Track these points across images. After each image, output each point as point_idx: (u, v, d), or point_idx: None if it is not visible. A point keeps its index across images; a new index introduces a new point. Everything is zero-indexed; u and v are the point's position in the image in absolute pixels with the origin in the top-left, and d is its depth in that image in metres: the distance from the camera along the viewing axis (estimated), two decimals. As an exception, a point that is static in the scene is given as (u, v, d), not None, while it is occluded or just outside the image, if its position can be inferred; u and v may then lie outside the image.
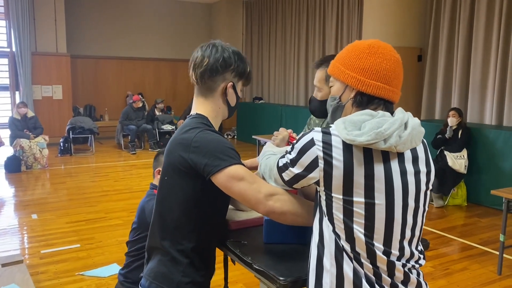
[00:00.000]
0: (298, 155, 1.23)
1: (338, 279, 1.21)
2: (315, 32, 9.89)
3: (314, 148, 1.19)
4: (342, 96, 1.30)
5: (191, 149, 1.42)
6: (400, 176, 1.19)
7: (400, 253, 1.22)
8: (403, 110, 1.25)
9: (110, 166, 8.33)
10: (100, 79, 12.10)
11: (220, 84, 1.53)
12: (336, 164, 1.16)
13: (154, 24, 12.52)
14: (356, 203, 1.17)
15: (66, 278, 3.62)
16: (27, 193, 6.39)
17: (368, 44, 1.28)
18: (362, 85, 1.24)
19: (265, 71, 11.92)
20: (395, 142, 1.15)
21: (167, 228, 1.51)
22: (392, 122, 1.16)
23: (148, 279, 1.54)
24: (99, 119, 11.83)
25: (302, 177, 1.24)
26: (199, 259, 1.52)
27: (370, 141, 1.13)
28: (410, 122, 1.21)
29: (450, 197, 5.82)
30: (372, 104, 1.25)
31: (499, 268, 3.81)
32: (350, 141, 1.14)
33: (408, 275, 1.24)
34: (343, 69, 1.28)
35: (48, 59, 10.33)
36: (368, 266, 1.19)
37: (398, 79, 1.27)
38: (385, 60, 1.24)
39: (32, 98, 10.15)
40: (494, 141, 5.70)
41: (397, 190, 1.19)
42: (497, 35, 6.48)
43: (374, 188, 1.16)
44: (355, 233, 1.18)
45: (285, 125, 9.62)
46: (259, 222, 1.72)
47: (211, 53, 1.51)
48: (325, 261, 1.23)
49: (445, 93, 7.34)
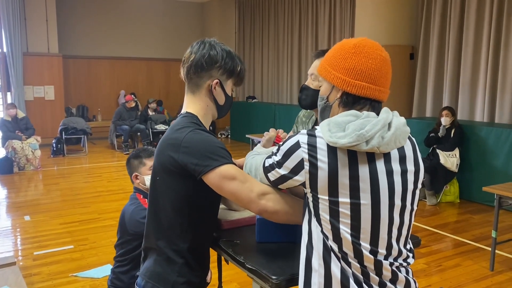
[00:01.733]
0: (284, 157, 1.25)
1: (326, 279, 1.22)
2: (308, 31, 9.90)
3: (299, 151, 1.21)
4: (329, 96, 1.31)
5: (181, 149, 1.41)
6: (386, 176, 1.20)
7: (388, 252, 1.23)
8: (388, 109, 1.25)
9: (103, 167, 8.29)
10: (93, 79, 12.04)
11: (206, 81, 1.53)
12: (321, 166, 1.18)
13: (146, 24, 12.48)
14: (342, 203, 1.18)
15: (59, 280, 3.60)
16: (20, 195, 6.35)
17: (354, 43, 1.27)
18: (347, 85, 1.24)
19: (258, 70, 11.91)
20: (377, 143, 1.15)
21: (161, 228, 1.51)
22: (375, 123, 1.16)
23: (144, 278, 1.54)
24: (92, 119, 11.78)
25: (287, 178, 1.26)
26: (194, 259, 1.52)
27: (352, 143, 1.13)
28: (394, 122, 1.21)
29: (443, 194, 5.86)
30: (359, 104, 1.25)
31: (492, 264, 3.84)
32: (333, 143, 1.15)
33: (396, 274, 1.24)
34: (329, 69, 1.29)
35: (40, 59, 10.26)
36: (356, 265, 1.20)
37: (385, 78, 1.26)
38: (371, 60, 1.24)
39: (24, 99, 10.08)
40: (485, 138, 5.74)
41: (383, 190, 1.19)
42: (487, 33, 6.53)
43: (359, 188, 1.17)
44: (341, 233, 1.19)
45: (278, 124, 9.64)
46: (252, 222, 1.72)
47: (199, 49, 1.51)
48: (313, 261, 1.24)
49: (436, 91, 7.38)
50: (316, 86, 1.87)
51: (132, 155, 2.55)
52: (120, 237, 2.51)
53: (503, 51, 6.34)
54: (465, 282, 3.62)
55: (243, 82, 1.63)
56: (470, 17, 6.74)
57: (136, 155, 2.53)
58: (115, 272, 2.48)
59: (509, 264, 3.98)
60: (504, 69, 6.34)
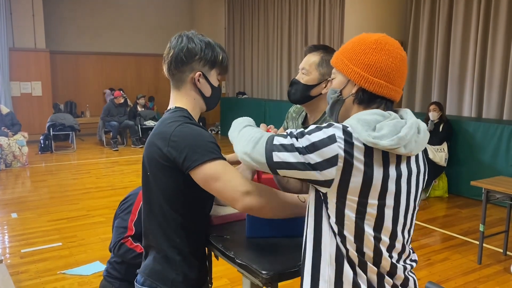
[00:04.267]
0: (313, 146, 1.12)
1: (337, 284, 1.19)
2: (298, 26, 9.90)
3: (335, 146, 1.10)
4: (344, 90, 1.25)
5: (170, 143, 1.40)
6: (406, 178, 1.18)
7: (401, 252, 1.23)
8: (411, 112, 1.23)
9: (92, 163, 8.22)
10: (81, 75, 11.91)
11: (188, 74, 1.50)
12: (357, 166, 1.10)
13: (135, 19, 12.36)
14: (370, 205, 1.14)
15: (47, 277, 3.56)
16: (7, 192, 6.26)
17: (375, 39, 1.23)
18: (365, 82, 1.20)
19: (248, 65, 11.88)
20: (414, 147, 1.15)
21: (157, 224, 1.50)
22: (410, 127, 1.14)
23: (143, 275, 1.54)
24: (80, 115, 11.66)
25: (306, 169, 1.13)
26: (191, 256, 1.51)
27: (393, 146, 1.10)
28: (422, 126, 1.20)
29: (431, 189, 5.91)
30: (374, 102, 1.21)
31: (479, 258, 3.88)
32: (372, 144, 1.09)
33: (408, 278, 1.24)
34: (347, 63, 1.23)
35: (26, 55, 10.11)
36: (372, 268, 1.18)
37: (401, 78, 1.23)
38: (391, 58, 1.20)
39: (11, 95, 9.94)
40: (473, 133, 5.79)
41: (403, 191, 1.18)
42: (475, 29, 6.58)
43: (388, 190, 1.15)
44: (365, 233, 1.16)
45: (268, 120, 9.63)
46: (242, 217, 1.71)
47: (177, 43, 1.49)
48: (322, 265, 1.20)
49: (425, 86, 7.43)
50: (307, 81, 1.86)
51: None
52: None
53: (490, 47, 6.40)
54: (453, 275, 3.66)
55: (227, 70, 1.61)
56: (459, 13, 6.78)
57: None
58: (111, 263, 2.47)
59: (496, 257, 4.02)
60: (491, 65, 6.40)
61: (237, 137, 1.31)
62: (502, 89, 6.35)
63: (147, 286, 1.52)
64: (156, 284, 1.50)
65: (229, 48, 12.28)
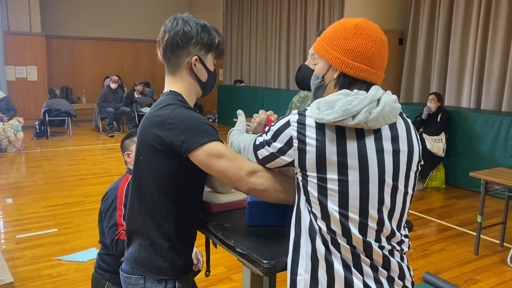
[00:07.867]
0: (274, 136, 1.25)
1: (313, 261, 1.21)
2: (297, 15, 9.80)
3: (289, 129, 1.21)
4: (325, 76, 1.28)
5: (167, 126, 1.36)
6: (376, 154, 1.17)
7: (378, 229, 1.20)
8: (378, 87, 1.22)
9: (88, 149, 8.17)
10: (77, 60, 11.79)
11: (184, 59, 1.46)
12: (309, 142, 1.17)
13: (132, 4, 12.21)
14: (330, 180, 1.16)
15: (43, 263, 3.54)
16: (2, 177, 6.21)
17: (355, 23, 1.24)
18: (345, 66, 1.22)
19: (246, 53, 11.79)
20: (364, 118, 1.13)
21: (146, 209, 1.46)
22: (362, 99, 1.14)
23: (129, 263, 1.50)
24: (76, 101, 11.57)
25: (275, 157, 1.26)
26: (179, 242, 1.48)
27: (337, 118, 1.12)
28: (384, 98, 1.18)
29: (429, 180, 5.91)
30: (355, 86, 1.23)
31: (476, 248, 3.89)
32: (319, 120, 1.14)
33: (388, 259, 1.21)
34: (327, 48, 1.26)
35: (22, 39, 9.98)
36: (345, 246, 1.18)
37: (382, 62, 1.25)
38: (371, 42, 1.22)
39: (6, 79, 9.83)
40: (472, 124, 5.78)
41: (372, 167, 1.17)
42: (476, 20, 6.54)
43: (347, 165, 1.15)
44: (329, 210, 1.17)
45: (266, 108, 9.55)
46: (242, 205, 1.68)
47: (172, 27, 1.45)
48: (301, 242, 1.23)
49: (424, 76, 7.40)
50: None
51: (125, 136, 2.54)
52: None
53: (490, 39, 6.36)
54: (450, 266, 3.66)
55: (224, 54, 1.57)
56: (460, 3, 6.73)
57: (128, 135, 2.53)
58: (100, 255, 2.45)
59: (493, 248, 4.03)
60: (491, 57, 6.37)
61: (238, 147, 1.44)
62: (501, 80, 6.33)
63: (133, 274, 1.49)
64: (142, 272, 1.47)
65: (227, 35, 12.18)
